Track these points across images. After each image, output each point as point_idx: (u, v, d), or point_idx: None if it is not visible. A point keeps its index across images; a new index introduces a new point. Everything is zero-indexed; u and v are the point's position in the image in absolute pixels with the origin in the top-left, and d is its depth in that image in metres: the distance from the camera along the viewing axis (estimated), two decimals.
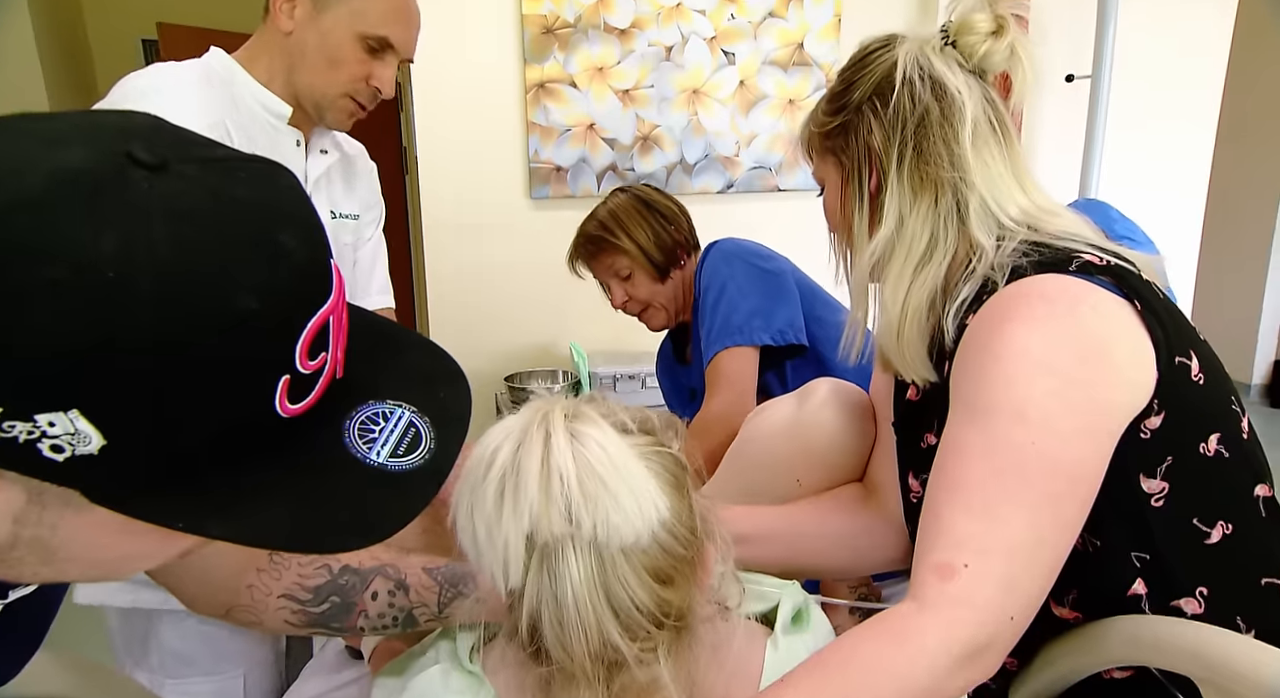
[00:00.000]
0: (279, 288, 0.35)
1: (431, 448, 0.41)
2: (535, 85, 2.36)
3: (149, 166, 0.32)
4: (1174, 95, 2.70)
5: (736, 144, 2.54)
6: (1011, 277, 0.67)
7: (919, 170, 0.73)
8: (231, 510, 0.35)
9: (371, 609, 0.69)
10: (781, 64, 2.52)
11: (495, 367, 2.48)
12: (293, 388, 0.36)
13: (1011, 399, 0.61)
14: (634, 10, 2.37)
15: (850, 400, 0.91)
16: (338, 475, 0.38)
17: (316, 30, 1.02)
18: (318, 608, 0.68)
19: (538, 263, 2.50)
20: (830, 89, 0.82)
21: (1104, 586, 0.67)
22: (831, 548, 0.87)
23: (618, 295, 1.52)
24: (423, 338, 0.49)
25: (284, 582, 0.68)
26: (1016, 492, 0.60)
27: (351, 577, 0.70)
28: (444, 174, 2.40)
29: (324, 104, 1.06)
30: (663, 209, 1.50)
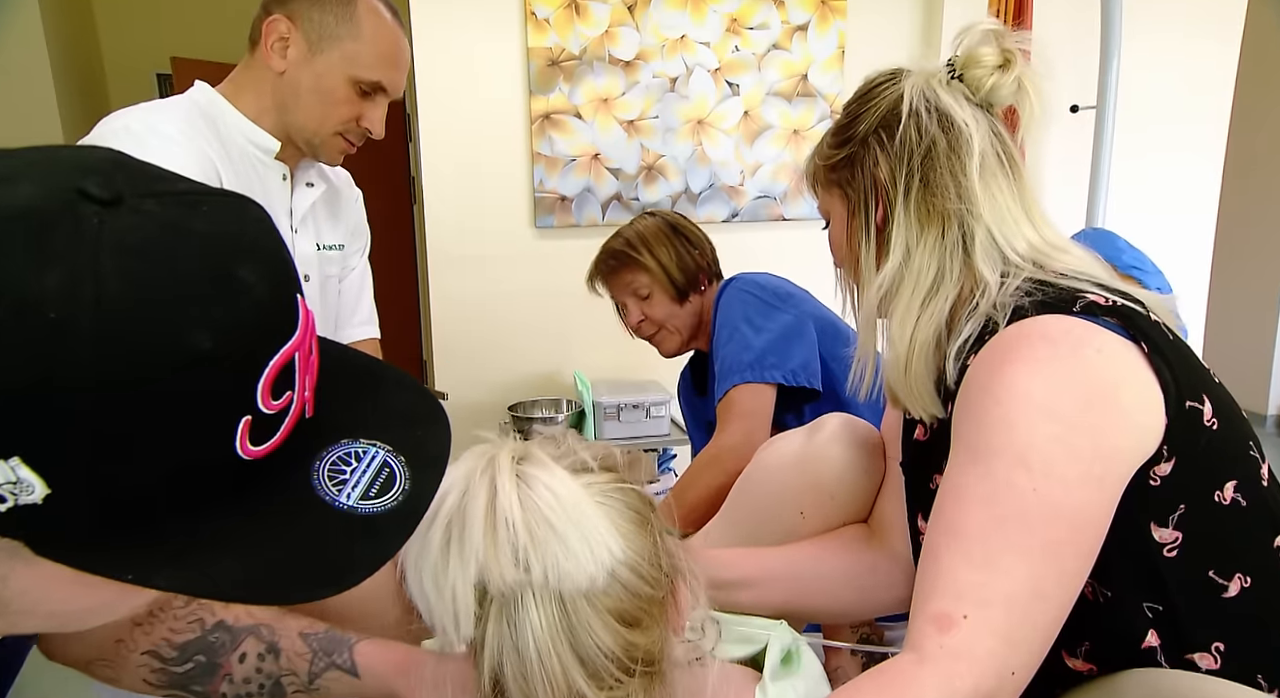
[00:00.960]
0: (236, 325, 0.33)
1: (406, 489, 0.39)
2: (540, 116, 2.38)
3: (101, 202, 0.31)
4: (1179, 127, 2.70)
5: (741, 174, 2.55)
6: (1013, 317, 0.65)
7: (925, 202, 0.72)
8: (186, 561, 0.33)
9: (237, 673, 0.65)
10: (786, 95, 2.53)
11: (499, 396, 2.47)
12: (255, 429, 0.34)
13: (1013, 444, 0.59)
14: (639, 42, 2.40)
15: (860, 436, 0.89)
16: (304, 520, 0.36)
17: (310, 72, 1.03)
18: (180, 667, 0.65)
19: (542, 292, 2.50)
20: (836, 122, 0.81)
21: (1116, 637, 0.63)
22: (836, 589, 0.85)
23: (634, 315, 1.50)
24: (404, 374, 0.47)
25: (152, 637, 0.64)
26: (1018, 540, 0.57)
27: (223, 634, 0.66)
28: (449, 204, 2.41)
29: (316, 142, 1.07)
30: (688, 233, 1.50)
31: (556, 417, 2.37)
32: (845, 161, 0.77)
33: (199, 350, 0.32)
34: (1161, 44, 2.59)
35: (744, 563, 0.82)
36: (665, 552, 0.53)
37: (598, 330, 2.59)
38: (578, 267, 2.52)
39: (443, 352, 2.52)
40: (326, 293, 1.20)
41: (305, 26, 1.01)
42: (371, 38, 1.03)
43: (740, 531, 0.93)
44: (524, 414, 2.38)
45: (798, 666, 0.64)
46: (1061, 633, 0.59)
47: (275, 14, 1.02)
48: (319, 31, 1.01)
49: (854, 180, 0.76)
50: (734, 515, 0.96)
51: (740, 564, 0.82)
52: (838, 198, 0.79)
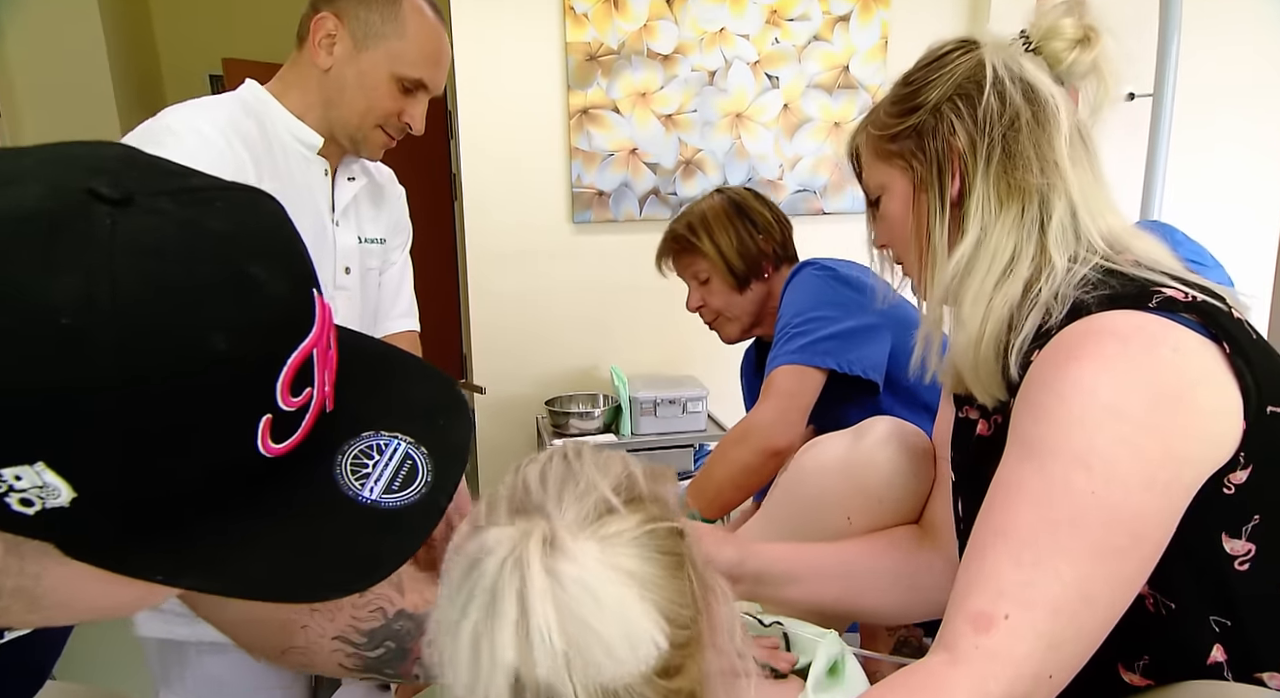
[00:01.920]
0: (252, 324, 0.33)
1: (429, 480, 0.39)
2: (578, 111, 2.38)
3: (112, 202, 0.31)
4: (1239, 116, 2.59)
5: (780, 167, 2.51)
6: (1071, 312, 0.62)
7: (1007, 176, 0.68)
8: (212, 560, 0.33)
9: (427, 655, 0.67)
10: (826, 87, 2.49)
11: (537, 391, 2.48)
12: (276, 427, 0.34)
13: (1074, 444, 0.56)
14: (677, 36, 2.38)
15: (909, 441, 0.87)
16: (329, 517, 0.36)
17: (355, 69, 1.05)
18: (373, 652, 0.66)
19: (580, 287, 2.50)
20: (896, 91, 0.76)
21: (1179, 651, 0.60)
22: (887, 588, 0.82)
23: (693, 299, 1.46)
24: (426, 365, 0.46)
25: (338, 624, 0.66)
26: (1071, 544, 0.54)
27: (407, 623, 0.67)
28: (488, 199, 2.43)
29: (359, 137, 1.09)
30: (755, 216, 1.42)
31: (593, 412, 2.37)
32: (911, 131, 0.72)
33: (216, 351, 0.32)
34: (1222, 30, 2.48)
35: (794, 558, 0.80)
36: (699, 581, 0.50)
37: (635, 325, 2.59)
38: (615, 262, 2.54)
39: (481, 346, 2.54)
40: (367, 286, 1.22)
41: (352, 24, 1.04)
42: (415, 36, 1.05)
43: (783, 534, 0.92)
44: (561, 409, 2.38)
45: (842, 677, 0.63)
46: (1119, 645, 0.57)
47: (323, 11, 1.04)
48: (365, 29, 1.03)
49: (923, 151, 0.72)
50: (776, 519, 0.95)
51: (790, 559, 0.80)
52: (899, 170, 0.74)
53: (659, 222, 2.51)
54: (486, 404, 2.54)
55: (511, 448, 2.61)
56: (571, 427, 2.36)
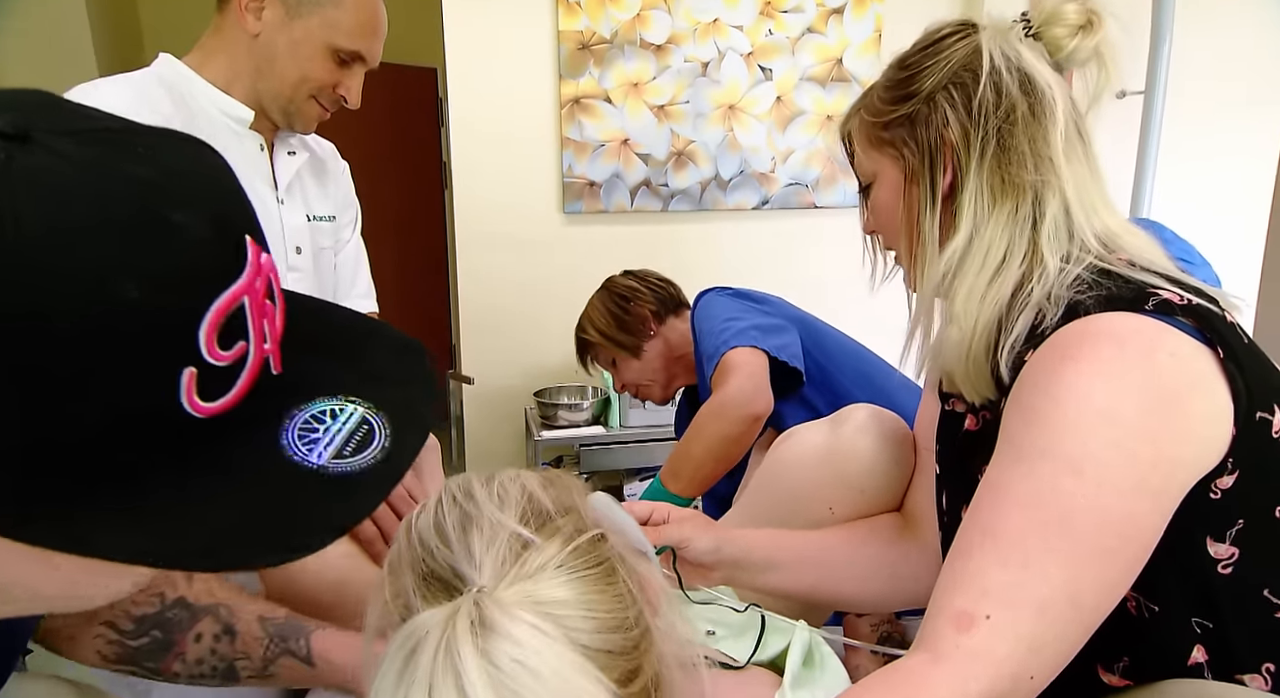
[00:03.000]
0: (167, 271, 0.31)
1: (386, 446, 0.36)
2: (570, 101, 2.36)
3: (6, 137, 0.29)
4: (1231, 115, 2.60)
5: (772, 160, 2.51)
6: (1066, 313, 0.60)
7: (1001, 171, 0.66)
8: (138, 528, 0.31)
9: (191, 652, 0.64)
10: (820, 80, 2.48)
11: (526, 381, 2.47)
12: (203, 382, 0.31)
13: (1066, 448, 0.55)
14: (670, 26, 2.36)
15: (887, 428, 0.87)
16: (270, 482, 0.34)
17: (287, 37, 0.99)
18: (135, 641, 0.64)
19: (570, 278, 2.49)
20: (890, 75, 0.73)
21: (1159, 652, 0.60)
22: (867, 577, 0.82)
23: (616, 382, 1.62)
24: (392, 330, 0.44)
25: (113, 609, 0.63)
26: (1059, 545, 0.54)
27: (181, 612, 0.65)
28: (478, 188, 2.41)
29: (291, 109, 1.04)
30: (621, 290, 1.57)
31: (582, 404, 2.37)
32: (904, 120, 0.70)
33: (124, 297, 0.29)
34: (1215, 29, 2.49)
35: (772, 545, 0.79)
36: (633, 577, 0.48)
37: None
38: (606, 253, 2.52)
39: (471, 337, 2.53)
40: (321, 266, 1.18)
41: None
42: (353, 5, 1.00)
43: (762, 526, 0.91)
44: (550, 401, 2.38)
45: (820, 667, 0.63)
46: (1099, 646, 0.57)
47: None
48: None
49: (916, 141, 0.70)
50: (756, 509, 0.94)
51: (768, 546, 0.79)
52: (889, 159, 0.73)
53: (650, 213, 2.50)
54: (475, 395, 2.52)
55: (500, 440, 2.60)
56: (560, 418, 2.35)
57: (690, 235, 2.54)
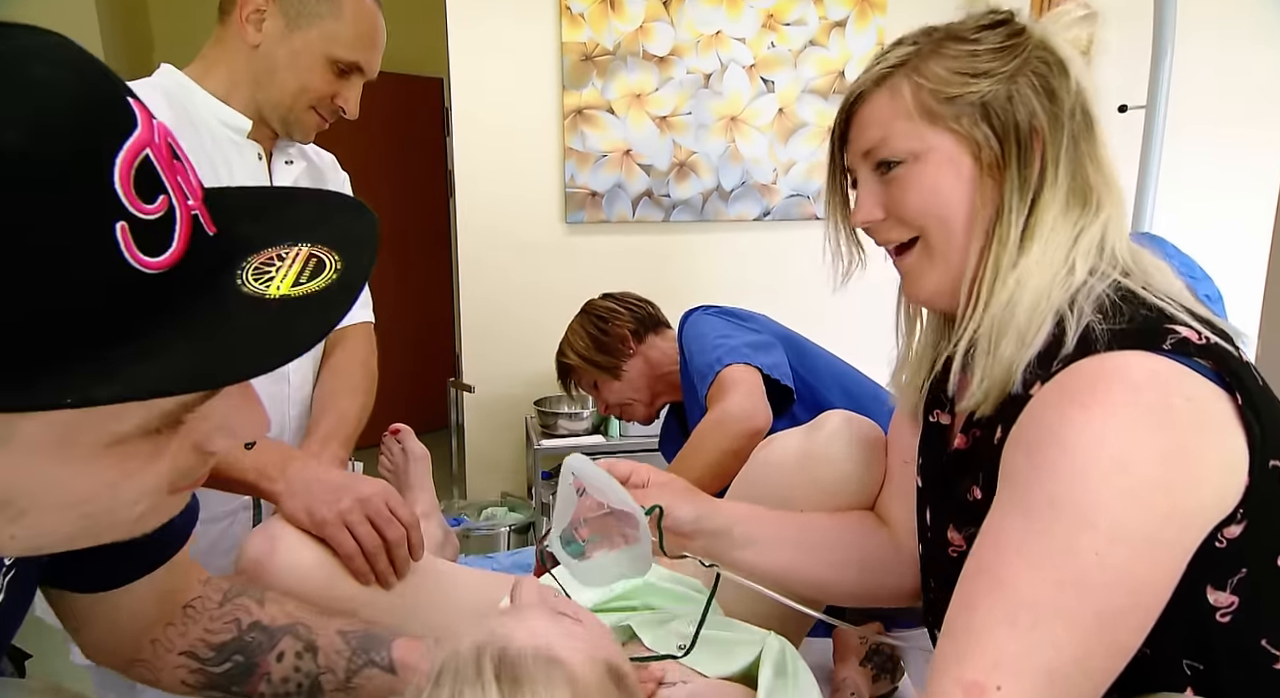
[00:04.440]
0: (48, 119, 0.32)
1: (339, 269, 0.38)
2: (573, 111, 2.38)
3: None
4: (1233, 129, 2.60)
5: (774, 171, 2.52)
6: (1080, 344, 0.57)
7: (1080, 171, 0.62)
8: (122, 371, 0.33)
9: (275, 672, 0.65)
10: (822, 92, 2.49)
11: (527, 390, 2.48)
12: (139, 236, 0.34)
13: (1079, 500, 0.52)
14: (673, 38, 2.38)
15: (862, 434, 0.87)
16: (238, 315, 0.36)
17: (287, 48, 1.00)
18: (218, 668, 0.64)
19: (571, 288, 2.49)
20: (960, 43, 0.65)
21: (1150, 692, 0.58)
22: (838, 563, 0.80)
23: (599, 404, 1.62)
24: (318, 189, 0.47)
25: (188, 637, 0.64)
26: (1071, 608, 0.52)
27: (259, 635, 0.66)
28: (481, 198, 2.43)
29: (290, 119, 1.04)
30: (599, 311, 1.57)
31: (582, 413, 2.37)
32: (976, 98, 0.63)
33: (14, 144, 0.31)
34: (1216, 43, 2.49)
35: (752, 520, 0.77)
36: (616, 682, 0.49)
37: None
38: (607, 262, 2.53)
39: (473, 345, 2.54)
40: None
41: (283, 1, 0.99)
42: (352, 18, 1.01)
43: None
44: (550, 409, 2.38)
45: (792, 678, 0.62)
46: None
47: None
48: (298, 7, 0.99)
49: (992, 125, 0.63)
50: None
51: (748, 521, 0.77)
52: (953, 138, 0.64)
53: (652, 223, 2.51)
54: (476, 403, 2.53)
55: (500, 448, 2.60)
56: (560, 427, 2.36)
57: (692, 246, 2.55)
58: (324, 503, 0.81)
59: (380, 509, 0.82)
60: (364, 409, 1.12)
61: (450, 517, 1.79)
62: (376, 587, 0.82)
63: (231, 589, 0.68)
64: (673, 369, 1.50)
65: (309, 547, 0.80)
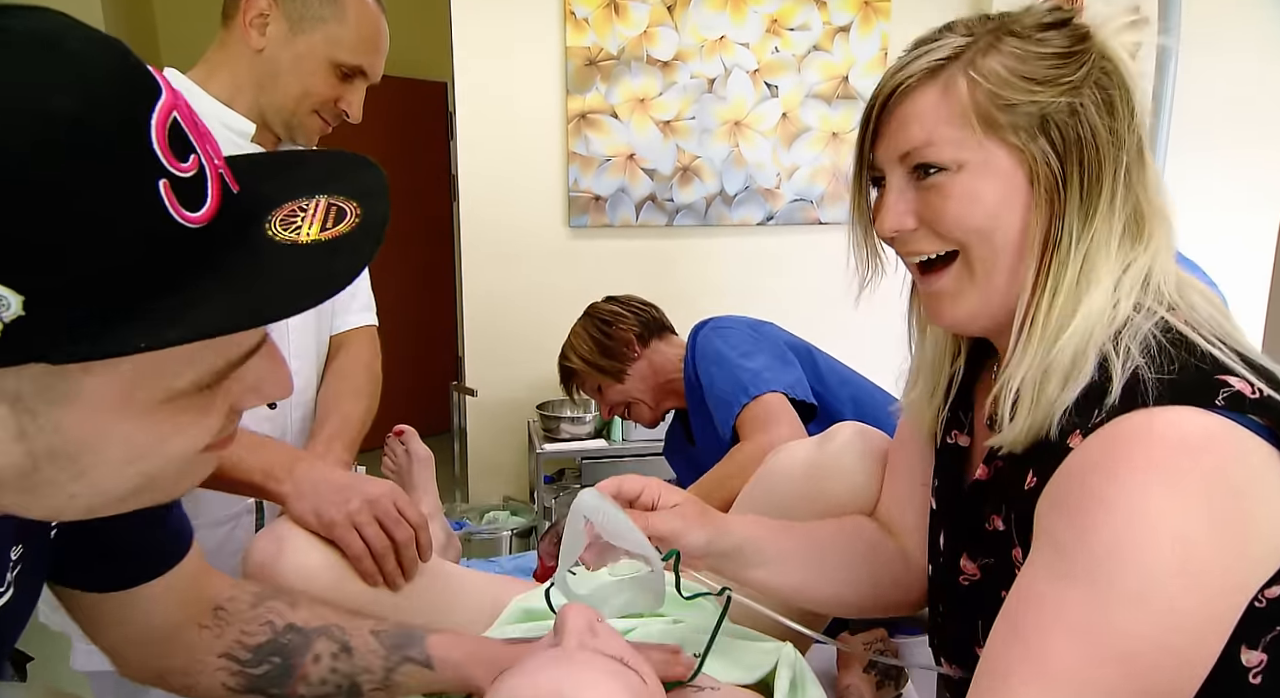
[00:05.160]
0: (92, 85, 0.34)
1: (359, 214, 0.41)
2: (577, 115, 2.38)
3: None
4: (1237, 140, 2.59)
5: (778, 176, 2.52)
6: (1126, 396, 0.52)
7: (1134, 197, 0.57)
8: (185, 316, 0.35)
9: (313, 673, 0.65)
10: (826, 97, 2.49)
11: (530, 395, 2.47)
12: (180, 192, 0.36)
13: (1129, 573, 0.49)
14: (677, 43, 2.39)
15: (874, 447, 0.86)
16: (277, 260, 0.39)
17: (290, 52, 1.00)
18: (257, 669, 0.65)
19: (575, 292, 2.49)
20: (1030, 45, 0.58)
21: None
22: (851, 581, 0.78)
23: (604, 409, 1.60)
24: (323, 150, 0.49)
25: (225, 640, 0.65)
26: (1115, 683, 0.50)
27: (295, 636, 0.66)
28: (485, 202, 2.43)
29: (293, 123, 1.05)
30: (603, 314, 1.55)
31: (584, 416, 2.37)
32: (1036, 109, 0.57)
33: (65, 110, 0.33)
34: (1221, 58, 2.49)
35: (764, 539, 0.75)
36: None
37: None
38: (611, 267, 2.53)
39: (475, 349, 2.53)
40: None
41: (286, 5, 0.99)
42: (355, 22, 1.01)
43: None
44: (553, 413, 2.38)
45: (804, 691, 0.62)
46: None
47: None
48: (301, 11, 0.99)
49: (1050, 139, 0.57)
50: None
51: (760, 539, 0.74)
52: (1003, 148, 0.58)
53: (655, 228, 2.51)
54: (478, 407, 2.53)
55: (502, 452, 2.60)
56: (563, 431, 2.35)
57: (695, 250, 2.55)
58: (332, 504, 0.81)
59: (389, 510, 0.81)
60: (368, 412, 1.12)
61: (452, 520, 1.79)
62: (384, 588, 0.82)
63: (262, 592, 0.69)
64: (677, 376, 1.49)
65: (316, 548, 0.80)
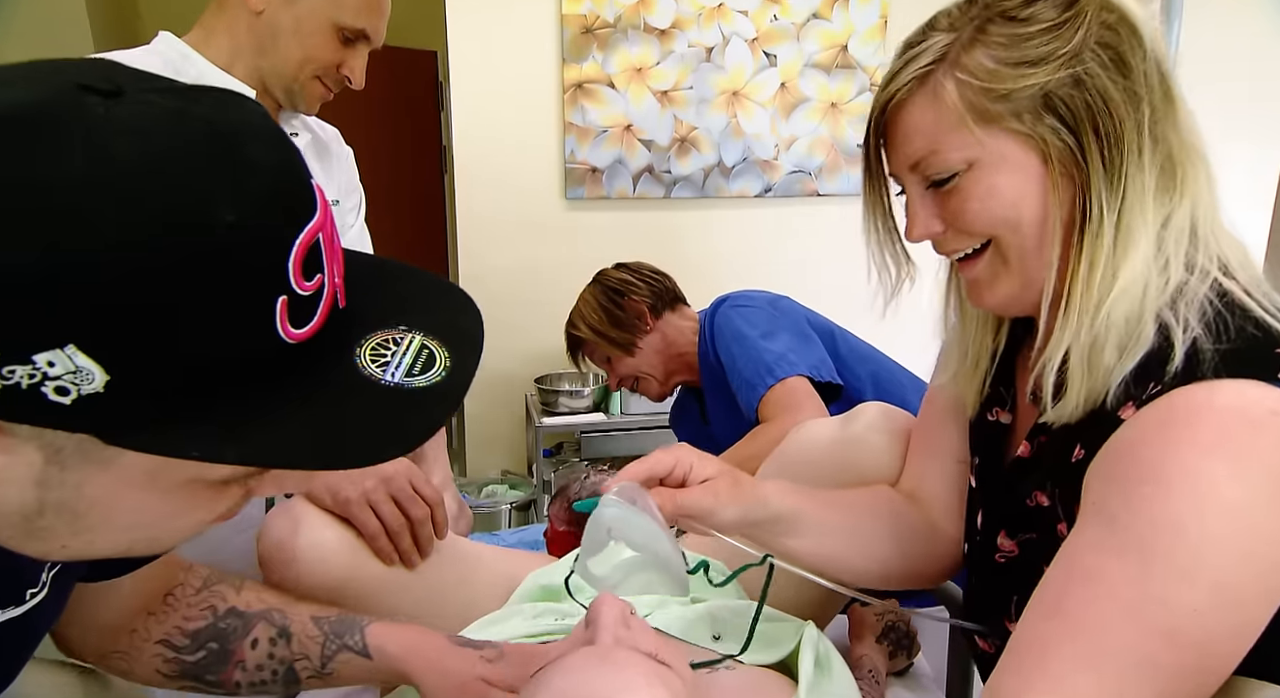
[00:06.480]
0: (257, 200, 0.34)
1: (448, 366, 0.40)
2: (573, 85, 2.34)
3: (104, 93, 0.32)
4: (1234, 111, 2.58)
5: (776, 147, 2.49)
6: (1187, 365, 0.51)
7: (1164, 147, 0.55)
8: (247, 436, 0.34)
9: (250, 659, 0.65)
10: (824, 66, 2.46)
11: (527, 368, 2.47)
12: (293, 310, 0.35)
13: (1184, 548, 0.48)
14: (675, 10, 2.34)
15: (900, 426, 0.85)
16: (356, 398, 0.38)
17: (291, 14, 0.97)
18: (192, 655, 0.64)
19: (571, 264, 2.47)
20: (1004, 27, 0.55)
21: None
22: (882, 556, 0.77)
23: (611, 380, 1.57)
24: (427, 273, 0.48)
25: (165, 626, 0.65)
26: (1159, 657, 0.49)
27: (234, 620, 0.66)
28: (480, 173, 2.40)
29: (294, 88, 1.02)
30: (614, 283, 1.51)
31: (583, 391, 2.36)
32: (1039, 88, 0.54)
33: (224, 224, 0.32)
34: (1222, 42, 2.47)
35: (802, 508, 0.73)
36: None
37: None
38: (607, 239, 2.51)
39: None
40: None
41: None
42: None
43: None
44: (550, 387, 2.37)
45: (829, 671, 0.62)
46: None
47: None
48: None
49: (1060, 117, 0.54)
50: None
51: (794, 509, 0.73)
52: (1011, 138, 0.56)
53: (652, 200, 2.49)
54: (475, 381, 2.48)
55: (500, 426, 2.60)
56: (561, 405, 2.35)
57: (692, 222, 2.53)
58: (348, 482, 0.80)
59: (404, 488, 0.81)
60: None
61: None
62: (399, 566, 0.82)
63: (211, 576, 0.68)
64: (690, 350, 1.47)
65: (332, 527, 0.80)
